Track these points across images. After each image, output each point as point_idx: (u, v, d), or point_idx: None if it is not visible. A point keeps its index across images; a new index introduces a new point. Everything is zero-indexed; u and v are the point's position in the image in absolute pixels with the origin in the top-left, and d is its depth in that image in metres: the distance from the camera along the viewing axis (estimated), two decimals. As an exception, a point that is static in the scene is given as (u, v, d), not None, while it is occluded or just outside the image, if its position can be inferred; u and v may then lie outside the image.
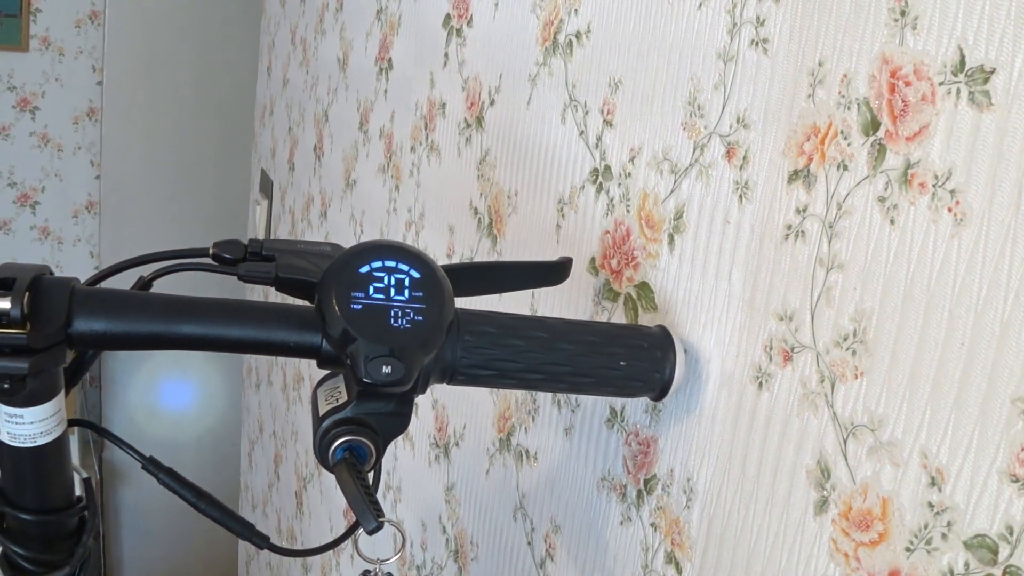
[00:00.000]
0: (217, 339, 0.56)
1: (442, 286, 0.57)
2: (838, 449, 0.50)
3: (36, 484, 0.61)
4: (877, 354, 0.48)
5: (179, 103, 3.56)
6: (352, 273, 0.56)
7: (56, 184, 3.63)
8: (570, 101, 0.81)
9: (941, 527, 0.44)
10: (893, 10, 0.46)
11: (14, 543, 0.62)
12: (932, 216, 0.44)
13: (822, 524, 0.52)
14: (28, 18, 3.42)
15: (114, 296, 0.56)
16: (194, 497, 0.65)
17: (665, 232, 0.66)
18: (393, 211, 1.38)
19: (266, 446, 2.62)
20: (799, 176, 0.53)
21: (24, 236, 3.64)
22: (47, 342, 0.53)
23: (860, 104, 0.49)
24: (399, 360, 0.54)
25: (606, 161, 0.74)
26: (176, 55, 3.50)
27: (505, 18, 0.96)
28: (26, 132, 3.55)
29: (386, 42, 1.44)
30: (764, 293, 0.56)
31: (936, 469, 0.44)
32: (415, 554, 1.24)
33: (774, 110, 0.55)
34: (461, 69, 1.09)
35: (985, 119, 0.42)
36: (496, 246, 0.99)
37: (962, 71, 0.43)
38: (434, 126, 1.19)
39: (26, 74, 3.49)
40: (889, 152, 0.47)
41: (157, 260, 0.63)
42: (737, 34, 0.59)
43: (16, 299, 0.51)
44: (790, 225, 0.54)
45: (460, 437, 1.10)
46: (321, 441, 0.57)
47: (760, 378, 0.57)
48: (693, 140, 0.63)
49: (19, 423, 0.56)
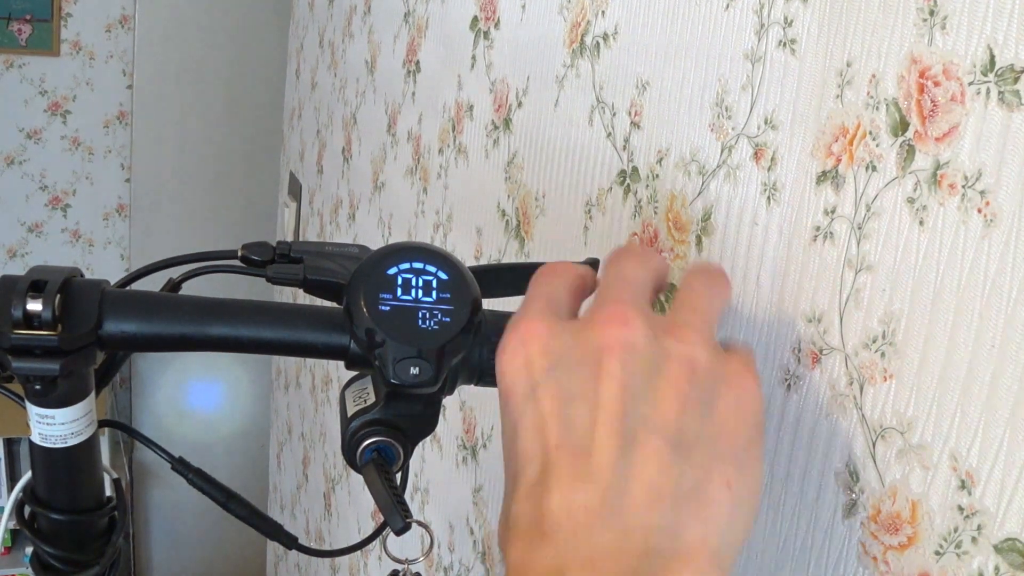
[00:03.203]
0: (246, 340, 0.57)
1: (469, 287, 0.57)
2: (867, 452, 0.50)
3: (67, 484, 0.61)
4: (906, 356, 0.47)
5: (208, 106, 3.58)
6: (380, 275, 0.56)
7: (87, 187, 3.66)
8: (597, 103, 0.81)
9: (971, 531, 0.44)
10: (922, 10, 0.46)
11: (45, 543, 0.62)
12: (962, 217, 0.44)
13: (851, 527, 0.51)
14: (59, 23, 3.45)
15: (144, 298, 0.56)
16: (223, 497, 0.65)
17: (693, 234, 0.66)
18: (421, 213, 1.38)
19: (295, 448, 2.63)
20: (827, 177, 0.53)
21: (55, 239, 3.67)
22: (78, 344, 0.53)
23: (889, 104, 0.48)
24: (427, 361, 0.54)
25: (634, 163, 0.74)
26: (205, 59, 3.53)
27: (532, 20, 0.96)
28: (57, 136, 3.58)
29: (414, 44, 1.44)
30: (792, 295, 0.56)
31: (966, 472, 0.44)
32: (442, 555, 1.25)
33: (802, 111, 0.55)
34: (488, 71, 1.09)
35: (1015, 119, 0.41)
36: (524, 248, 0.99)
37: (992, 71, 0.42)
38: (462, 128, 1.19)
39: (57, 78, 3.53)
40: (918, 153, 0.46)
41: (186, 262, 0.63)
42: (765, 35, 0.59)
43: (47, 301, 0.52)
44: (818, 227, 0.54)
45: (488, 439, 1.10)
46: (349, 442, 0.57)
47: (788, 380, 0.57)
48: (721, 141, 0.63)
49: (50, 424, 0.57)
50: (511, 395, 0.47)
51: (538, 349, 0.46)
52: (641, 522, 0.41)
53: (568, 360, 0.46)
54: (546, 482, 0.43)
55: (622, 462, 0.42)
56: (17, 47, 3.43)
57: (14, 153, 3.54)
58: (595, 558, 0.41)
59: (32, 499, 0.62)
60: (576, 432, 0.44)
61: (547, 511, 0.42)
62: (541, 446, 0.44)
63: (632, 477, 0.42)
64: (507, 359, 0.47)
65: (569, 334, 0.47)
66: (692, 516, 0.42)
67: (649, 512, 0.41)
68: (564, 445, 0.43)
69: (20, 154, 3.55)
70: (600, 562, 0.41)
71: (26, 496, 0.62)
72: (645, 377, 0.44)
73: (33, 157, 3.57)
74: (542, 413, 0.45)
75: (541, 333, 0.47)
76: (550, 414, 0.44)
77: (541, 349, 0.46)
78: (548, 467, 0.43)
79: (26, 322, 0.52)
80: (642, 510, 0.41)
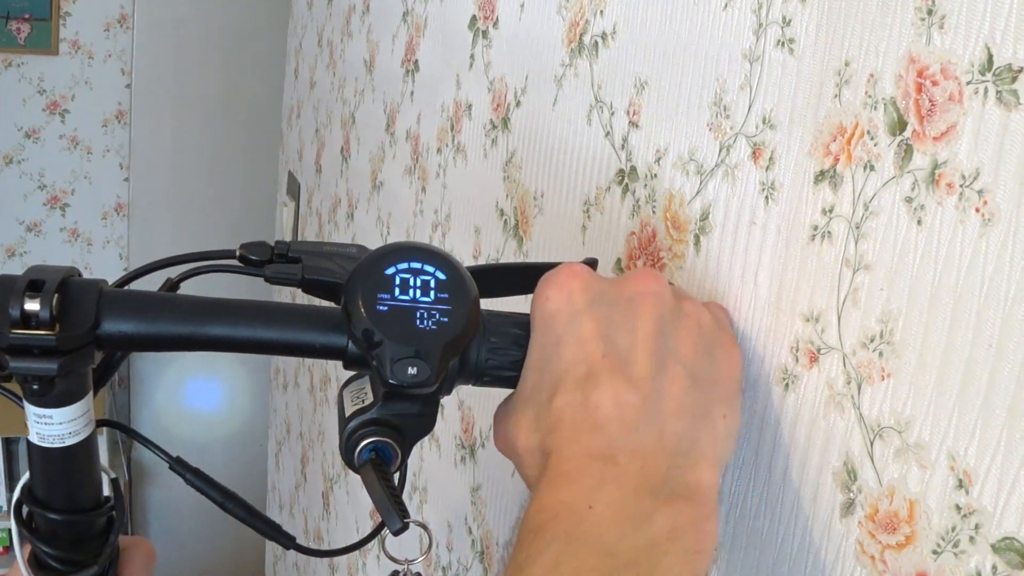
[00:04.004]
0: (244, 340, 0.57)
1: (468, 287, 0.57)
2: (865, 451, 0.50)
3: (65, 484, 0.61)
4: (904, 355, 0.47)
5: (207, 106, 3.58)
6: (378, 274, 0.56)
7: (85, 186, 3.66)
8: (596, 102, 0.81)
9: (969, 530, 0.44)
10: (920, 9, 0.46)
11: (43, 542, 0.62)
12: (959, 217, 0.44)
13: (848, 527, 0.51)
14: (58, 22, 3.46)
15: (142, 298, 0.56)
16: (221, 498, 0.65)
17: (691, 233, 0.66)
18: (419, 213, 1.38)
19: (293, 447, 2.63)
20: (825, 177, 0.53)
21: (54, 238, 3.67)
22: (76, 343, 0.53)
23: (887, 104, 0.48)
24: (425, 361, 0.54)
25: (632, 162, 0.74)
26: (204, 58, 3.53)
27: (531, 20, 0.96)
28: (56, 135, 3.58)
29: (412, 44, 1.44)
30: (790, 294, 0.56)
31: (963, 471, 0.44)
32: (441, 555, 1.25)
33: (800, 110, 0.55)
34: (487, 70, 1.09)
35: (1013, 118, 0.41)
36: (522, 247, 0.99)
37: (989, 70, 0.42)
38: (460, 128, 1.19)
39: (56, 77, 3.53)
40: (916, 152, 0.46)
41: (185, 262, 0.63)
42: (763, 34, 0.59)
43: (45, 301, 0.52)
44: (816, 226, 0.54)
45: (486, 438, 1.10)
46: (347, 442, 0.57)
47: (786, 379, 0.57)
48: (719, 141, 0.63)
49: (48, 423, 0.57)
50: (555, 317, 0.55)
51: (579, 285, 0.55)
52: (672, 427, 0.51)
53: (607, 298, 0.55)
54: (596, 380, 0.51)
55: (658, 378, 0.52)
56: (16, 46, 3.43)
57: (12, 152, 3.54)
58: (639, 450, 0.50)
59: (30, 499, 0.62)
60: (618, 349, 0.52)
61: (599, 403, 0.51)
62: (586, 355, 0.52)
63: (664, 390, 0.52)
64: (550, 292, 0.56)
65: (607, 282, 0.56)
66: (703, 431, 0.52)
67: (677, 420, 0.51)
68: (609, 354, 0.52)
69: (18, 153, 3.55)
70: (643, 454, 0.50)
71: (24, 496, 0.62)
72: (670, 321, 0.54)
73: (31, 156, 3.57)
74: (586, 332, 0.53)
75: (582, 274, 0.56)
76: (594, 334, 0.53)
77: (582, 286, 0.55)
78: (596, 371, 0.52)
79: (24, 322, 0.52)
80: (672, 418, 0.51)
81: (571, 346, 0.53)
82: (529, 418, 0.54)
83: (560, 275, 0.56)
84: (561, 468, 0.50)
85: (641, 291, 0.54)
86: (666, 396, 0.52)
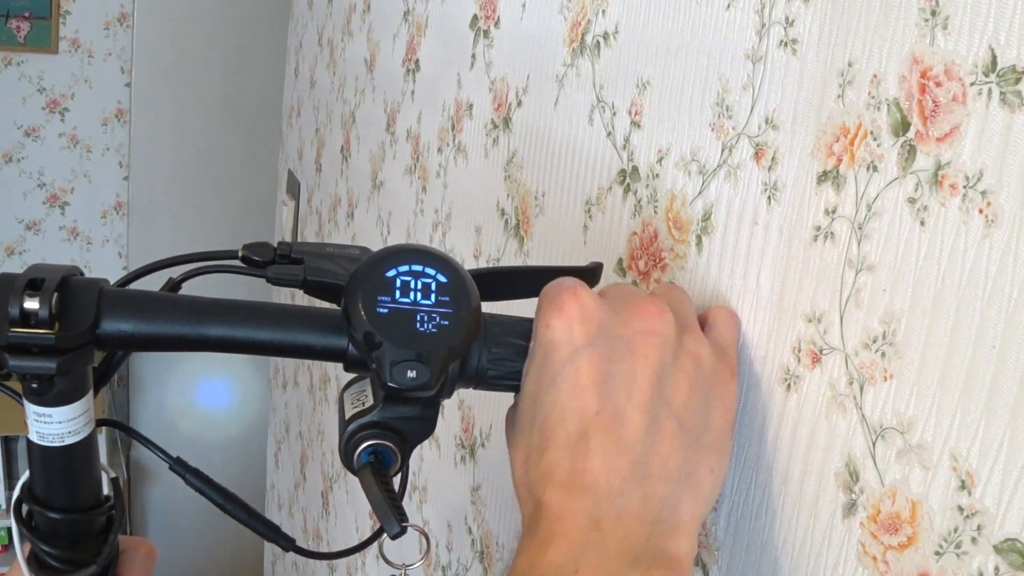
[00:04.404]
0: (244, 341, 0.56)
1: (469, 291, 0.57)
2: (867, 452, 0.50)
3: (65, 483, 0.61)
4: (907, 356, 0.47)
5: (207, 104, 3.58)
6: (378, 277, 0.56)
7: (85, 185, 3.66)
8: (597, 102, 0.81)
9: (971, 531, 0.44)
10: (924, 10, 0.46)
11: (42, 541, 0.62)
12: (963, 217, 0.44)
13: (850, 527, 0.51)
14: (58, 20, 3.45)
15: (142, 297, 0.56)
16: (221, 498, 0.65)
17: (693, 233, 0.66)
18: (420, 212, 1.38)
19: (292, 446, 2.63)
20: (828, 177, 0.53)
21: (53, 236, 3.67)
22: (75, 343, 0.53)
23: (890, 105, 0.48)
24: (425, 365, 0.54)
25: (634, 162, 0.74)
26: (204, 57, 3.53)
27: (532, 19, 0.96)
28: (55, 133, 3.58)
29: (413, 43, 1.44)
30: (792, 295, 0.56)
31: (966, 472, 0.44)
32: (440, 554, 1.24)
33: (803, 111, 0.55)
34: (488, 70, 1.09)
35: (1017, 120, 0.41)
36: (523, 247, 0.99)
37: (993, 71, 0.42)
38: (461, 127, 1.19)
39: (56, 76, 3.53)
40: (919, 153, 0.46)
41: (187, 262, 0.63)
42: (766, 35, 0.59)
43: (44, 300, 0.52)
44: (819, 226, 0.54)
45: (486, 438, 1.10)
46: (346, 445, 0.57)
47: (788, 380, 0.56)
48: (721, 141, 0.63)
49: (48, 422, 0.57)
50: (553, 351, 0.54)
51: (581, 316, 0.54)
52: (656, 492, 0.52)
53: (609, 333, 0.53)
54: (587, 443, 0.51)
55: (647, 438, 0.52)
56: (15, 44, 3.43)
57: (12, 151, 3.54)
58: (623, 517, 0.51)
59: (29, 497, 0.61)
60: (613, 404, 0.52)
61: (587, 468, 0.51)
62: (581, 408, 0.52)
63: (653, 452, 0.52)
64: (552, 320, 0.54)
65: (610, 309, 0.55)
66: (687, 493, 0.53)
67: (663, 484, 0.52)
68: (603, 412, 0.52)
69: (18, 151, 3.55)
70: (626, 519, 0.51)
71: (24, 494, 0.62)
72: (669, 365, 0.53)
73: (31, 155, 3.57)
74: (583, 378, 0.52)
75: (584, 301, 0.54)
76: (590, 382, 0.52)
77: (583, 317, 0.54)
78: (588, 430, 0.52)
79: (23, 320, 0.52)
80: (658, 481, 0.52)
81: (566, 393, 0.53)
82: (521, 456, 0.56)
83: (563, 298, 0.54)
84: (551, 527, 0.51)
85: (644, 330, 0.53)
86: (655, 457, 0.52)
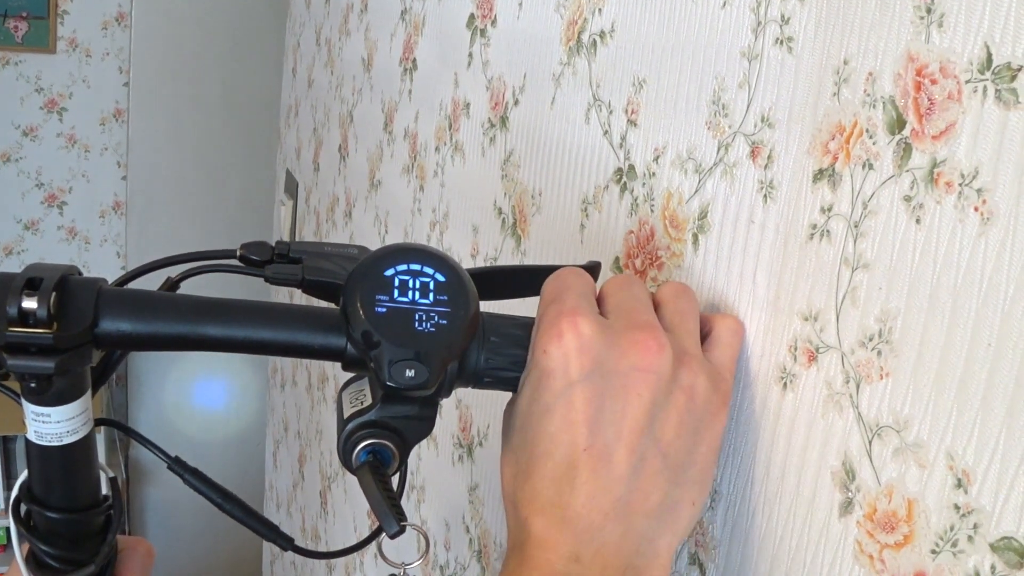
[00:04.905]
0: (243, 341, 0.56)
1: (467, 290, 0.57)
2: (863, 450, 0.50)
3: (63, 483, 0.61)
4: (903, 354, 0.47)
5: (205, 104, 3.58)
6: (376, 276, 0.56)
7: (83, 185, 3.66)
8: (594, 101, 0.81)
9: (967, 529, 0.44)
10: (919, 8, 0.46)
11: (41, 541, 0.62)
12: (958, 215, 0.44)
13: (847, 526, 0.51)
14: (56, 20, 3.45)
15: (141, 297, 0.56)
16: (219, 498, 0.65)
17: (689, 232, 0.66)
18: (417, 211, 1.38)
19: (291, 446, 2.63)
20: (824, 175, 0.53)
21: (51, 236, 3.67)
22: (73, 342, 0.53)
23: (886, 102, 0.48)
24: (423, 364, 0.54)
25: (630, 161, 0.74)
26: (202, 56, 3.52)
27: (529, 18, 0.96)
28: (53, 133, 3.58)
29: (410, 42, 1.44)
30: (789, 293, 0.56)
31: (962, 470, 0.44)
32: (438, 554, 1.25)
33: (799, 109, 0.55)
34: (485, 69, 1.09)
35: (1012, 117, 0.41)
36: (520, 246, 0.99)
37: (989, 69, 0.42)
38: (458, 126, 1.19)
39: (54, 76, 3.52)
40: (915, 151, 0.46)
41: (185, 261, 0.63)
42: (761, 33, 0.59)
43: (43, 299, 0.52)
44: (815, 225, 0.54)
45: (484, 437, 1.10)
46: (345, 444, 0.57)
47: (784, 378, 0.57)
48: (717, 139, 0.63)
49: (46, 422, 0.57)
50: (548, 380, 0.54)
51: (577, 348, 0.53)
52: (636, 528, 0.53)
53: (604, 367, 0.53)
54: (573, 480, 0.53)
55: (632, 477, 0.53)
56: (13, 44, 3.42)
57: (10, 150, 3.54)
58: (601, 550, 0.52)
59: (28, 497, 0.61)
60: (603, 441, 0.53)
61: (571, 504, 0.52)
62: (570, 442, 0.53)
63: (636, 490, 0.53)
64: (549, 347, 0.54)
65: (608, 339, 0.54)
66: (667, 527, 0.54)
67: (644, 520, 0.53)
68: (592, 449, 0.53)
69: (16, 151, 3.55)
70: (605, 554, 0.52)
71: (22, 494, 0.62)
72: (661, 402, 0.54)
73: (29, 154, 3.57)
74: (575, 413, 0.53)
75: (583, 328, 0.54)
76: (582, 417, 0.53)
77: (580, 349, 0.53)
78: (575, 465, 0.53)
79: (21, 320, 0.52)
80: (639, 517, 0.53)
81: (558, 424, 0.53)
82: (511, 469, 0.57)
83: (562, 326, 0.54)
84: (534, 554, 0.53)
85: (640, 367, 0.53)
86: (638, 494, 0.53)
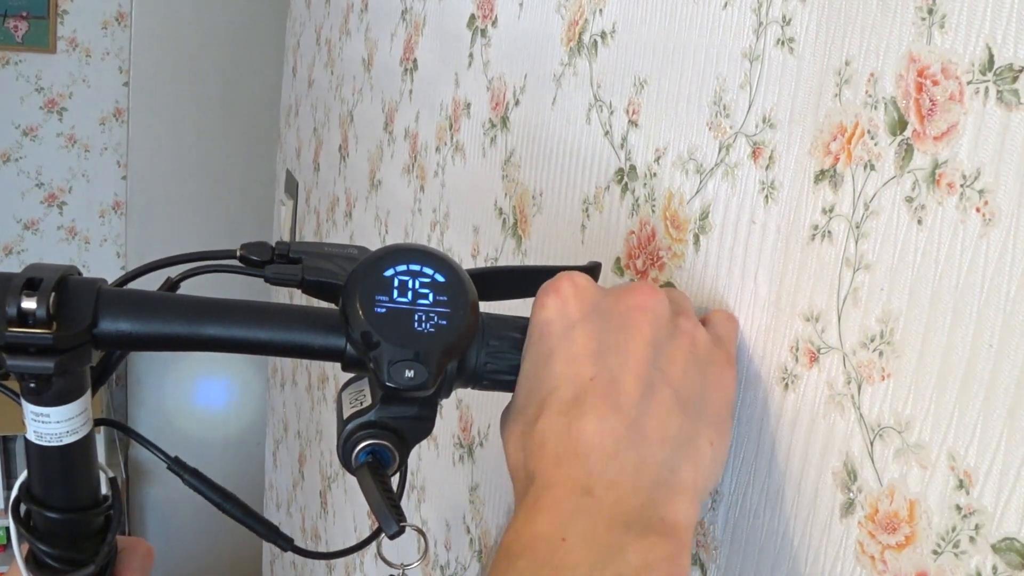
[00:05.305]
0: (242, 341, 0.56)
1: (467, 290, 0.57)
2: (865, 451, 0.50)
3: (63, 483, 0.61)
4: (904, 355, 0.47)
5: (205, 104, 3.58)
6: (376, 276, 0.56)
7: (83, 184, 3.65)
8: (595, 101, 0.81)
9: (969, 530, 0.44)
10: (920, 9, 0.46)
11: (40, 541, 0.62)
12: (960, 216, 0.44)
13: (848, 527, 0.51)
14: (55, 20, 3.45)
15: (140, 297, 0.56)
16: (219, 498, 0.65)
17: (690, 232, 0.66)
18: (418, 211, 1.38)
19: (291, 446, 2.63)
20: (825, 176, 0.53)
21: (51, 236, 3.67)
22: (73, 342, 0.53)
23: (887, 103, 0.48)
24: (422, 364, 0.54)
25: (631, 161, 0.74)
26: (202, 56, 3.52)
27: (530, 18, 0.96)
28: (53, 133, 3.58)
29: (411, 42, 1.44)
30: (790, 294, 0.56)
31: (964, 471, 0.44)
32: (439, 554, 1.24)
33: (800, 110, 0.55)
34: (486, 69, 1.09)
35: (1014, 118, 0.41)
36: (521, 246, 0.99)
37: (990, 70, 0.42)
38: (459, 126, 1.19)
39: (53, 76, 3.52)
40: (916, 152, 0.46)
41: (185, 261, 0.63)
42: (763, 33, 0.59)
43: (42, 299, 0.52)
44: (816, 225, 0.54)
45: (484, 437, 1.10)
46: (344, 444, 0.57)
47: (786, 379, 0.56)
48: (719, 140, 0.63)
49: (46, 422, 0.57)
50: (548, 328, 0.55)
51: (575, 294, 0.55)
52: (653, 456, 0.50)
53: (602, 310, 0.54)
54: (581, 407, 0.51)
55: (644, 402, 0.51)
56: (13, 44, 3.42)
57: (10, 150, 3.54)
58: (617, 481, 0.49)
59: (28, 497, 0.61)
60: (608, 370, 0.52)
61: (581, 432, 0.50)
62: (575, 375, 0.52)
63: (649, 416, 0.51)
64: (547, 300, 0.55)
65: (603, 292, 0.56)
66: (686, 459, 0.52)
67: (660, 448, 0.51)
68: (598, 377, 0.52)
69: (16, 151, 3.54)
70: (619, 484, 0.49)
71: (22, 494, 0.62)
72: (664, 339, 0.54)
73: (29, 154, 3.56)
74: (578, 349, 0.53)
75: (580, 283, 0.56)
76: (585, 351, 0.53)
77: (577, 295, 0.55)
78: (582, 394, 0.51)
79: (21, 320, 0.52)
80: (654, 446, 0.51)
81: (561, 362, 0.53)
82: (517, 435, 0.54)
83: (559, 283, 0.56)
84: (539, 497, 0.50)
85: (637, 306, 0.54)
86: (651, 422, 0.51)
